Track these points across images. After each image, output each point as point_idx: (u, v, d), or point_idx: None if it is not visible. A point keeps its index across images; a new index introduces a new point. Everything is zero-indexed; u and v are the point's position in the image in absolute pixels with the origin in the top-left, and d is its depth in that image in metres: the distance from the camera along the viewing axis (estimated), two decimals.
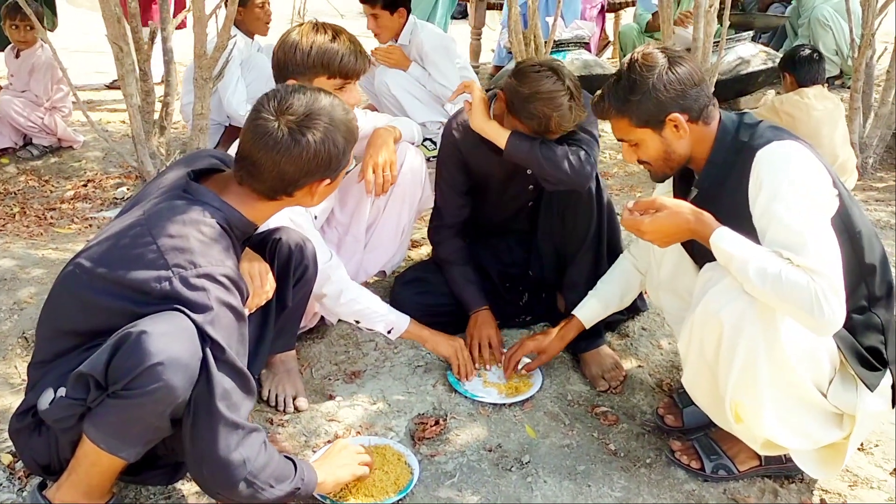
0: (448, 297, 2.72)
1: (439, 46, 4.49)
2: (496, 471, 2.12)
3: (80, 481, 1.72)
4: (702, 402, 1.99)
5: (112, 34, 3.50)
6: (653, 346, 2.71)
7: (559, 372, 2.56)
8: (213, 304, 1.60)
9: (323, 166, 1.75)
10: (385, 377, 2.49)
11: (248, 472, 1.64)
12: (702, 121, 1.96)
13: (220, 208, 1.73)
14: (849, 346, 1.86)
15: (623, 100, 1.95)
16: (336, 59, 2.24)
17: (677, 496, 2.03)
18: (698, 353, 1.86)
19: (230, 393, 1.62)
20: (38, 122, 4.81)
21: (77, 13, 8.25)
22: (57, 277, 1.78)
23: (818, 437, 1.87)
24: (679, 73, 1.91)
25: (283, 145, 1.69)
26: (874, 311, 1.89)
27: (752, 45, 5.78)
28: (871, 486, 2.09)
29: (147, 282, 1.60)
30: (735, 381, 1.79)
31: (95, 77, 6.88)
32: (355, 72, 2.29)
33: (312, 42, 2.24)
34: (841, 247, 1.79)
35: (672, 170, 2.04)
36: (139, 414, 1.57)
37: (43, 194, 4.40)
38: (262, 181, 1.75)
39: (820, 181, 1.82)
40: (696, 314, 1.82)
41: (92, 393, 1.57)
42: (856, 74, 4.51)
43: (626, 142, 2.02)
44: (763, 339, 1.75)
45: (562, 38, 5.57)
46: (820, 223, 1.75)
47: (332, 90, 2.23)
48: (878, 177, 4.67)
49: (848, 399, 1.86)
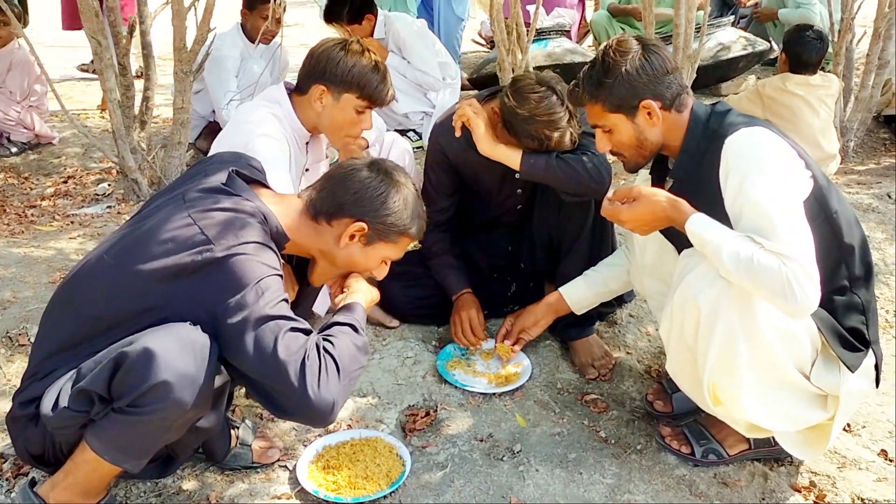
0: (436, 289, 2.72)
1: (415, 33, 4.53)
2: (488, 460, 2.12)
3: (78, 483, 1.71)
4: (685, 386, 2.01)
5: (90, 28, 3.46)
6: (640, 333, 2.72)
7: (548, 361, 2.57)
8: (253, 258, 1.62)
9: (371, 206, 1.81)
10: (374, 369, 2.48)
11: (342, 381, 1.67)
12: (674, 108, 1.97)
13: (261, 209, 1.73)
14: (829, 327, 1.87)
15: (596, 84, 1.97)
16: (372, 85, 2.35)
17: (668, 481, 2.04)
18: (679, 338, 1.88)
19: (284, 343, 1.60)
20: (15, 117, 4.75)
21: (50, 7, 8.15)
22: (77, 268, 1.75)
23: (803, 418, 1.89)
24: (652, 60, 1.93)
25: (356, 167, 1.85)
26: (854, 291, 1.91)
27: (733, 30, 5.81)
28: (860, 467, 2.11)
29: (186, 257, 1.59)
30: (713, 364, 1.80)
31: (72, 73, 6.81)
32: (381, 102, 2.41)
33: (357, 62, 2.34)
34: (817, 228, 1.81)
35: (645, 159, 2.05)
36: (144, 430, 1.57)
37: (23, 191, 4.35)
38: (320, 190, 1.83)
39: (789, 165, 1.83)
40: (675, 299, 1.84)
41: (96, 406, 1.56)
42: (836, 59, 4.55)
43: (600, 128, 2.03)
44: (740, 322, 1.76)
45: (543, 27, 5.57)
46: (790, 207, 1.76)
47: (354, 111, 2.36)
48: (859, 160, 4.71)
49: (831, 380, 1.88)
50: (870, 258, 1.96)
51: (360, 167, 1.85)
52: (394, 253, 1.91)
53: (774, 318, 1.78)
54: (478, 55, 7.41)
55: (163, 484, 1.99)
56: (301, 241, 1.84)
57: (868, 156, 4.79)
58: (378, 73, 2.36)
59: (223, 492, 1.98)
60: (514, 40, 3.87)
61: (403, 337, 2.65)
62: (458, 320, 2.60)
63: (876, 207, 3.77)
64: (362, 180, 1.82)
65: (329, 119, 2.40)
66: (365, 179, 1.82)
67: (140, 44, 3.89)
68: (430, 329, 2.75)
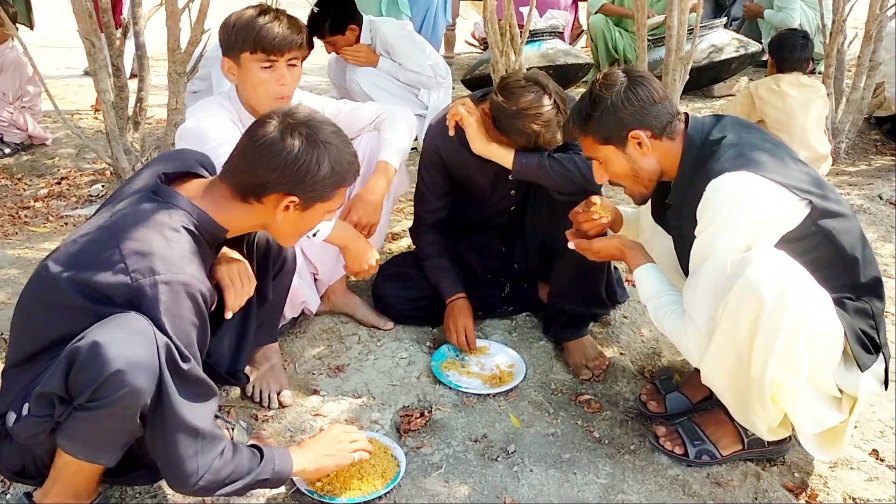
0: (430, 291, 2.72)
1: (402, 35, 4.53)
2: (482, 461, 2.13)
3: (66, 488, 1.72)
4: (717, 384, 1.97)
5: (84, 29, 3.46)
6: (634, 333, 2.73)
7: (542, 361, 2.57)
8: (168, 310, 1.58)
9: (295, 178, 1.71)
10: (369, 370, 2.49)
11: (205, 479, 1.64)
12: (666, 136, 1.97)
13: (189, 211, 1.70)
14: (848, 325, 1.88)
15: (585, 118, 1.99)
16: (256, 32, 2.19)
17: (662, 481, 2.05)
18: (727, 334, 1.83)
19: (188, 398, 1.60)
20: (7, 118, 4.74)
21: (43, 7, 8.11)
22: (28, 279, 1.75)
23: (824, 419, 1.88)
24: (638, 92, 1.95)
25: (269, 139, 1.70)
26: (863, 299, 1.92)
27: (725, 32, 5.83)
28: (852, 466, 2.12)
29: (109, 286, 1.58)
30: (777, 360, 1.77)
31: (66, 73, 6.79)
32: (280, 47, 2.22)
33: (237, 19, 2.23)
34: (816, 247, 1.86)
35: (647, 188, 2.06)
36: (110, 422, 1.56)
37: (16, 192, 4.34)
38: (236, 171, 1.73)
39: (766, 216, 1.82)
40: (732, 294, 1.78)
41: (58, 409, 1.55)
42: (828, 60, 4.57)
43: (594, 159, 2.06)
44: (801, 319, 1.75)
45: (536, 28, 5.58)
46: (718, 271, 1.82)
47: (259, 69, 2.22)
48: (850, 161, 4.74)
49: (850, 380, 1.88)
50: (876, 271, 1.96)
51: (273, 137, 1.70)
52: (335, 204, 1.83)
53: (826, 318, 1.80)
54: (471, 56, 7.44)
55: (157, 486, 1.99)
56: (239, 224, 1.80)
57: (859, 157, 4.82)
58: (263, 19, 2.20)
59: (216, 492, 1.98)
60: (507, 42, 3.88)
61: (398, 338, 2.65)
62: (454, 328, 2.61)
63: (867, 208, 3.80)
64: (279, 154, 1.69)
65: (246, 88, 2.30)
66: (282, 153, 1.69)
67: (134, 45, 3.88)
68: (424, 330, 2.75)
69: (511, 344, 2.65)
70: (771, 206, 1.82)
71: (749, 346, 1.79)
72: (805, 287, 1.76)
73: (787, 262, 1.77)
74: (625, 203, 2.84)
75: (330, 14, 4.32)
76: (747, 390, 1.86)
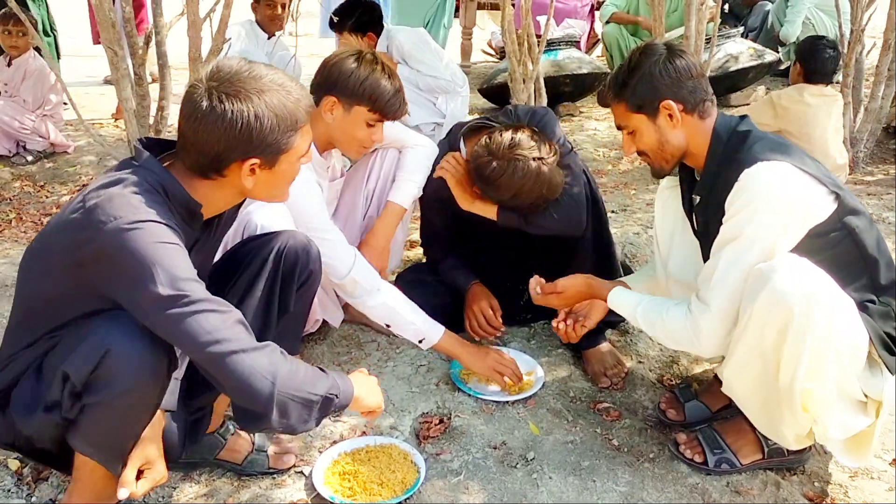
0: (448, 297, 2.74)
1: (418, 42, 4.57)
2: (501, 468, 2.14)
3: (86, 488, 1.74)
4: (739, 393, 1.97)
5: (106, 38, 3.50)
6: (652, 342, 2.73)
7: (561, 369, 2.58)
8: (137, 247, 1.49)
9: (243, 141, 1.58)
10: (388, 377, 2.51)
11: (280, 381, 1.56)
12: (697, 113, 1.99)
13: (157, 173, 1.61)
14: (872, 329, 1.87)
15: (621, 84, 2.02)
16: (384, 97, 2.33)
17: (681, 489, 2.05)
18: (752, 343, 1.83)
19: (211, 329, 1.52)
20: (30, 126, 4.80)
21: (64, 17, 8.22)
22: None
23: (851, 425, 1.87)
24: (676, 63, 1.98)
25: (201, 112, 1.56)
26: (883, 300, 1.92)
27: (741, 41, 5.83)
28: (872, 476, 2.12)
29: (76, 242, 1.54)
30: (806, 369, 1.77)
31: (86, 81, 6.87)
32: (393, 114, 2.38)
33: (370, 74, 2.32)
34: (839, 243, 1.86)
35: (668, 163, 2.06)
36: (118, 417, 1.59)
37: (39, 200, 4.39)
38: (188, 153, 1.63)
39: (799, 205, 1.83)
40: (757, 304, 1.79)
41: (66, 403, 1.57)
42: (846, 70, 4.56)
43: (625, 128, 2.07)
44: (829, 328, 1.75)
45: (553, 37, 5.60)
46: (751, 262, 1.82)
47: (365, 123, 2.34)
48: (868, 171, 4.73)
49: (875, 384, 1.88)
50: (895, 274, 1.97)
51: (203, 110, 1.56)
52: (301, 148, 1.70)
53: (851, 324, 1.80)
54: (488, 65, 7.46)
55: (179, 489, 2.02)
56: (212, 200, 1.70)
57: (877, 167, 4.80)
58: (391, 86, 2.34)
59: (239, 497, 2.00)
60: (524, 51, 3.90)
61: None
62: (472, 314, 2.64)
63: (886, 218, 3.79)
64: (214, 123, 1.56)
65: (339, 131, 2.39)
66: (217, 121, 1.56)
67: (156, 54, 3.92)
68: None
69: (530, 352, 2.66)
70: (805, 196, 1.84)
71: (777, 355, 1.79)
72: (831, 294, 1.77)
73: (812, 269, 1.78)
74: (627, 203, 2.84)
75: (356, 15, 4.39)
76: (775, 399, 1.86)
